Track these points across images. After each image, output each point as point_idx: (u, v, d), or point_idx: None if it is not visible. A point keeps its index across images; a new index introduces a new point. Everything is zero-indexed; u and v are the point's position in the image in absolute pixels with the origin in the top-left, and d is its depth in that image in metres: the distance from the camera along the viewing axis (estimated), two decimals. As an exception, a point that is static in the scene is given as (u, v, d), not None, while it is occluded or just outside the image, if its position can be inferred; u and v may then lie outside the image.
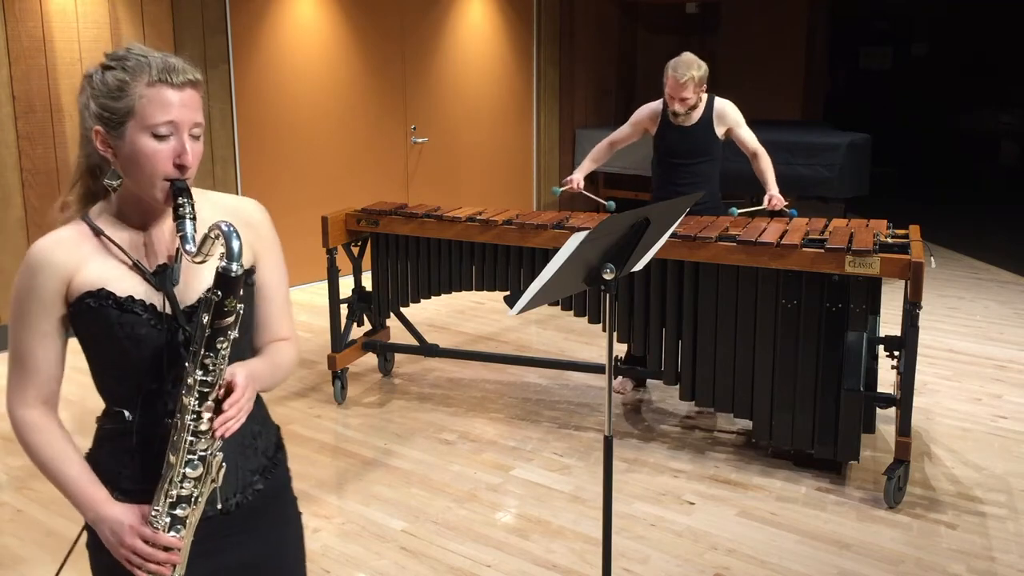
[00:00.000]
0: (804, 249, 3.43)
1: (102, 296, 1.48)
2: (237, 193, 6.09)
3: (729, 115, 4.29)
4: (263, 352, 1.65)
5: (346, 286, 4.61)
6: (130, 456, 1.52)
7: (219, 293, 1.39)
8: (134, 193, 1.50)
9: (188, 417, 1.42)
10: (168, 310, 1.51)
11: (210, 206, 1.58)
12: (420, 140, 7.36)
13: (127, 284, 1.49)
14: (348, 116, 6.84)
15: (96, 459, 1.57)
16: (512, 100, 8.16)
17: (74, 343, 1.58)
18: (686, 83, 4.10)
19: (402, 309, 4.61)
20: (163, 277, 1.52)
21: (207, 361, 1.41)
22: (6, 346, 5.33)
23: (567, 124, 8.69)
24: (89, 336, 1.53)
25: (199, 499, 1.46)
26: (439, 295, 4.39)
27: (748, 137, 4.32)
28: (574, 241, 2.08)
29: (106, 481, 1.53)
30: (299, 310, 5.94)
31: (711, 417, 4.12)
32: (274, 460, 1.67)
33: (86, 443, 1.58)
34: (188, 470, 1.43)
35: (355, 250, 4.56)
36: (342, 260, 4.50)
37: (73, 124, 5.34)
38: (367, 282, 4.59)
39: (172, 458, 1.44)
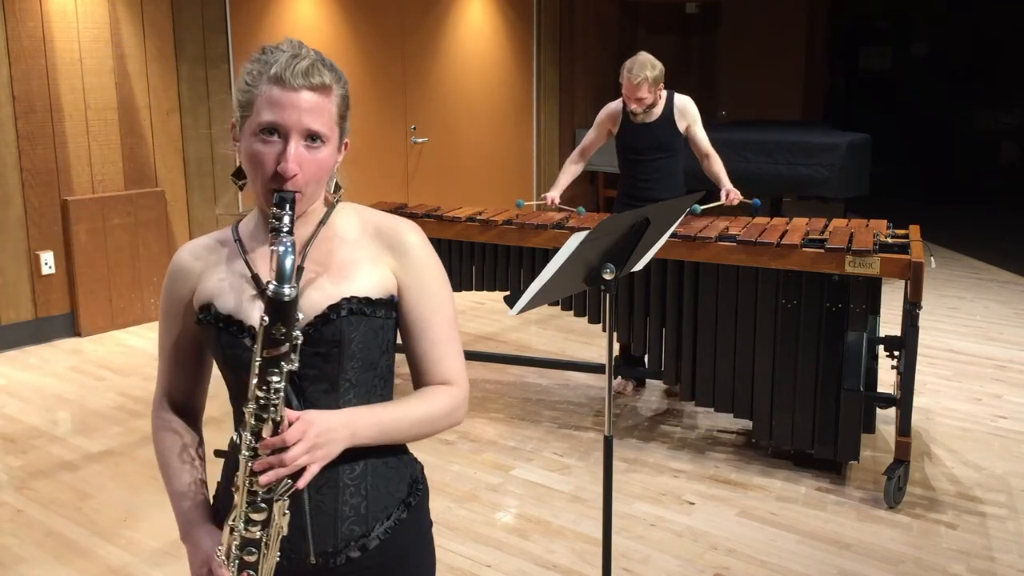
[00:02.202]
0: (804, 249, 3.43)
1: (209, 312, 1.40)
2: (236, 195, 6.09)
3: (689, 111, 4.30)
4: (406, 397, 1.45)
5: (346, 286, 4.60)
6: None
7: (267, 318, 1.26)
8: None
9: (245, 454, 1.30)
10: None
11: (356, 222, 1.46)
12: (420, 140, 7.36)
13: (234, 299, 1.39)
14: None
15: (220, 490, 1.48)
16: (512, 100, 8.16)
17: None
18: (640, 84, 4.11)
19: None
20: None
21: (259, 394, 1.28)
22: (5, 346, 5.28)
23: (567, 124, 8.69)
24: (212, 353, 1.46)
25: (268, 544, 1.32)
26: (439, 295, 4.38)
27: (702, 137, 4.32)
28: (574, 241, 2.08)
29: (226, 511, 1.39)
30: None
31: (711, 417, 4.12)
32: (396, 519, 1.46)
33: (86, 443, 1.57)
34: (251, 512, 1.30)
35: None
36: (342, 260, 4.49)
37: (73, 124, 5.34)
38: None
39: (236, 497, 1.32)
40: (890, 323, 4.37)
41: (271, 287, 1.25)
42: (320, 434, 1.31)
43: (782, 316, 3.52)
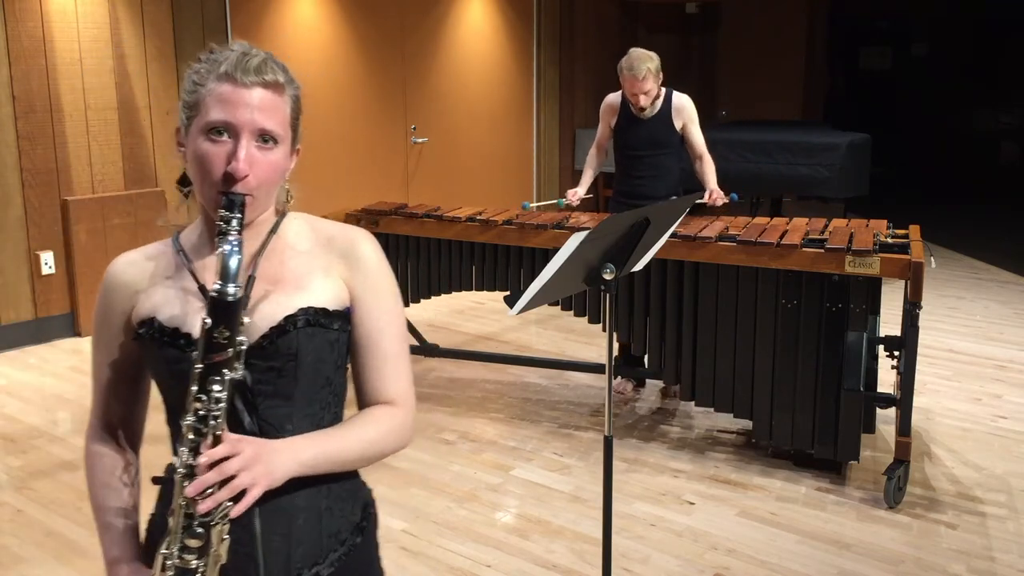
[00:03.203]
0: (804, 249, 3.43)
1: (152, 326, 1.31)
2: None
3: (687, 109, 4.28)
4: (350, 420, 1.37)
5: (346, 286, 4.60)
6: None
7: (209, 321, 1.18)
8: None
9: (180, 472, 1.20)
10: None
11: (305, 229, 1.40)
12: (420, 140, 7.36)
13: (180, 312, 1.30)
14: (348, 116, 6.84)
15: (155, 519, 1.37)
16: (512, 100, 8.16)
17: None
18: (645, 76, 4.11)
19: (402, 309, 4.61)
20: None
21: (198, 404, 1.18)
22: (5, 346, 5.28)
23: (567, 124, 8.69)
24: (151, 372, 1.37)
25: (205, 574, 1.21)
26: (439, 295, 4.39)
27: (698, 138, 4.31)
28: (574, 241, 2.08)
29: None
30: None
31: (711, 417, 4.12)
32: (350, 545, 1.39)
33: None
34: (187, 538, 1.19)
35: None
36: (342, 260, 4.49)
37: (73, 124, 5.34)
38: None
39: (171, 521, 1.21)
40: (890, 323, 4.37)
41: (215, 286, 1.18)
42: (261, 451, 1.22)
43: (782, 316, 3.52)
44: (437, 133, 7.53)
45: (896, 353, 3.67)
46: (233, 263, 1.19)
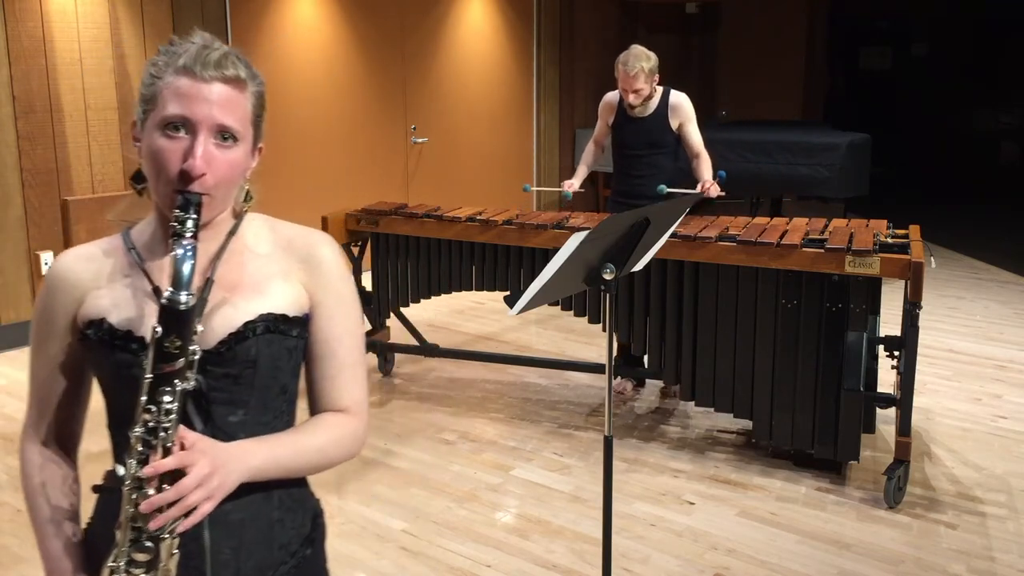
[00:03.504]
0: (804, 249, 3.43)
1: (101, 327, 1.25)
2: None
3: (683, 108, 4.28)
4: (301, 426, 1.33)
5: (346, 286, 4.60)
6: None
7: (159, 329, 1.12)
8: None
9: (129, 485, 1.14)
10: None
11: (265, 231, 1.36)
12: (420, 140, 7.36)
13: (134, 314, 1.24)
14: (348, 116, 6.84)
15: (93, 528, 1.32)
16: (512, 100, 8.16)
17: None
18: (636, 75, 4.11)
19: (402, 309, 4.61)
20: None
21: (147, 416, 1.13)
22: (5, 346, 5.27)
23: (567, 124, 8.69)
24: (96, 375, 1.32)
25: None
26: (439, 295, 4.39)
27: (695, 136, 4.31)
28: (574, 241, 2.08)
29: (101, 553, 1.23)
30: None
31: (711, 417, 4.12)
32: (300, 557, 1.35)
33: (85, 443, 1.53)
34: (134, 552, 1.14)
35: (355, 250, 4.56)
36: (342, 260, 4.49)
37: (73, 124, 5.34)
38: (367, 282, 4.59)
39: (119, 535, 1.16)
40: (890, 323, 4.37)
41: (166, 293, 1.13)
42: (215, 463, 1.16)
43: (782, 316, 3.52)
44: (437, 133, 7.53)
45: (896, 353, 3.67)
46: (186, 269, 1.14)
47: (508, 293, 4.15)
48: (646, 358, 4.01)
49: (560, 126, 8.61)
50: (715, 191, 4.20)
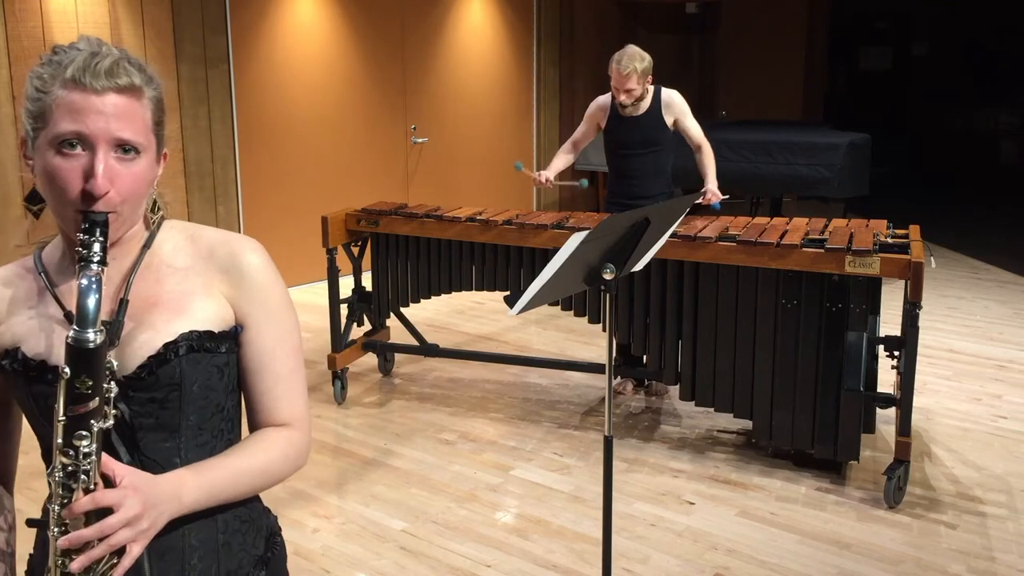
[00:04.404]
0: (804, 249, 3.43)
1: (16, 358, 1.18)
2: (236, 195, 6.10)
3: (676, 104, 4.29)
4: (240, 446, 1.26)
5: (346, 286, 4.61)
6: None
7: (67, 370, 1.04)
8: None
9: (54, 530, 1.08)
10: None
11: (183, 242, 1.27)
12: (420, 140, 7.36)
13: (46, 343, 1.17)
14: (348, 116, 6.84)
15: (34, 563, 1.30)
16: (512, 100, 8.16)
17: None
18: (629, 75, 4.11)
19: (402, 309, 4.61)
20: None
21: (65, 460, 1.06)
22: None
23: (567, 124, 8.69)
24: (19, 407, 1.25)
25: None
26: (439, 295, 4.39)
27: (694, 129, 4.31)
28: (574, 241, 2.08)
29: None
30: (299, 310, 5.94)
31: (711, 417, 4.12)
32: None
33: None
34: None
35: (355, 250, 4.56)
36: (342, 260, 4.50)
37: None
38: (367, 282, 4.59)
39: None
40: (890, 323, 4.37)
41: (71, 333, 1.04)
42: (145, 503, 1.09)
43: (782, 316, 3.52)
44: (437, 133, 7.53)
45: (896, 353, 3.67)
46: (91, 303, 1.05)
47: (508, 293, 4.15)
48: (645, 358, 4.01)
49: (560, 126, 8.61)
50: (716, 200, 4.22)
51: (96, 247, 1.09)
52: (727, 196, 4.29)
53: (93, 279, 1.07)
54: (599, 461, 3.67)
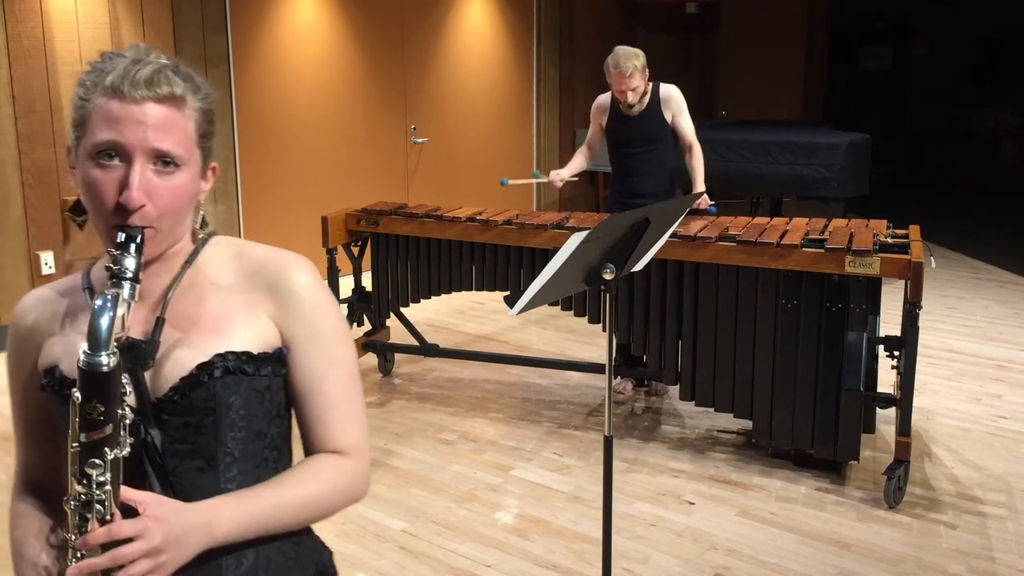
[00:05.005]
0: (804, 249, 3.43)
1: (54, 376, 1.15)
2: (236, 196, 6.10)
3: (675, 99, 4.28)
4: (287, 474, 1.18)
5: (346, 286, 4.61)
6: None
7: (79, 395, 1.00)
8: None
9: (71, 561, 1.04)
10: (133, 400, 1.11)
11: (229, 259, 1.21)
12: (420, 140, 7.36)
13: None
14: (348, 116, 6.84)
15: None
16: (512, 100, 8.16)
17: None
18: (632, 73, 4.11)
19: (402, 309, 4.61)
20: (136, 353, 1.13)
21: (79, 488, 1.01)
22: (4, 346, 5.31)
23: (567, 124, 8.69)
24: (62, 425, 1.16)
25: None
26: (439, 295, 4.39)
27: (687, 127, 4.31)
28: (574, 241, 2.08)
29: None
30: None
31: (711, 417, 4.12)
32: None
33: None
34: None
35: (355, 250, 4.56)
36: (342, 260, 4.50)
37: (73, 124, 5.34)
38: (367, 282, 4.59)
39: None
40: (890, 323, 4.37)
41: (81, 356, 0.99)
42: (168, 535, 1.03)
43: (782, 316, 3.52)
44: (437, 133, 7.53)
45: (896, 353, 3.67)
46: (103, 323, 1.00)
47: (508, 293, 4.16)
48: (646, 358, 4.01)
49: (560, 126, 8.61)
50: (704, 205, 4.23)
51: (129, 263, 1.05)
52: (711, 207, 4.30)
53: (109, 298, 1.01)
54: (599, 461, 3.67)
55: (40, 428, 1.24)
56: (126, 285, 1.04)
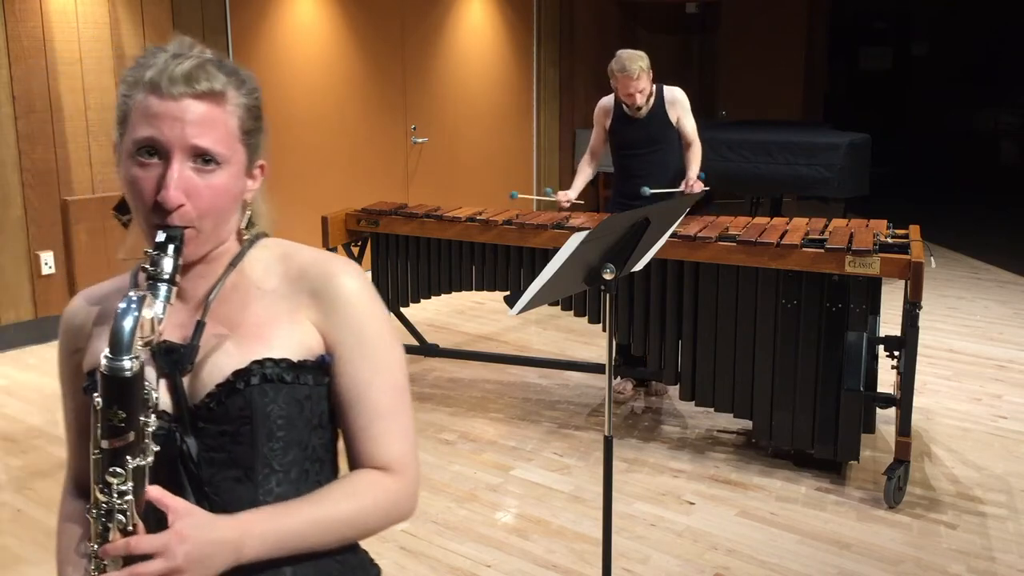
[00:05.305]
0: (804, 249, 3.43)
1: (94, 378, 1.09)
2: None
3: (680, 100, 4.30)
4: (327, 489, 1.12)
5: (346, 286, 4.60)
6: None
7: (99, 400, 0.97)
8: None
9: (91, 570, 1.02)
10: (169, 406, 1.09)
11: (275, 261, 1.17)
12: (420, 140, 7.36)
13: None
14: (348, 116, 6.84)
15: None
16: (512, 100, 8.16)
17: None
18: (639, 76, 4.12)
19: (402, 309, 4.61)
20: (174, 358, 1.10)
21: (101, 496, 0.98)
22: (5, 346, 5.27)
23: (567, 124, 8.69)
24: None
25: None
26: (439, 295, 4.39)
27: (690, 126, 4.33)
28: (574, 241, 2.08)
29: None
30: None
31: (711, 417, 4.12)
32: None
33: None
34: None
35: (355, 250, 4.56)
36: (342, 260, 4.50)
37: (73, 124, 5.34)
38: (367, 282, 4.59)
39: None
40: (890, 323, 4.37)
41: (103, 360, 0.96)
42: (190, 555, 0.99)
43: (782, 316, 3.52)
44: (437, 133, 7.53)
45: (896, 353, 3.67)
46: (126, 326, 0.96)
47: (508, 293, 4.16)
48: (647, 358, 4.00)
49: (560, 126, 8.62)
50: (698, 187, 4.22)
51: (166, 264, 1.02)
52: (707, 189, 4.30)
53: (133, 300, 0.97)
54: (599, 461, 3.67)
55: (86, 431, 1.17)
56: (162, 287, 1.02)
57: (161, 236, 1.05)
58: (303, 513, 1.08)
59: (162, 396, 1.09)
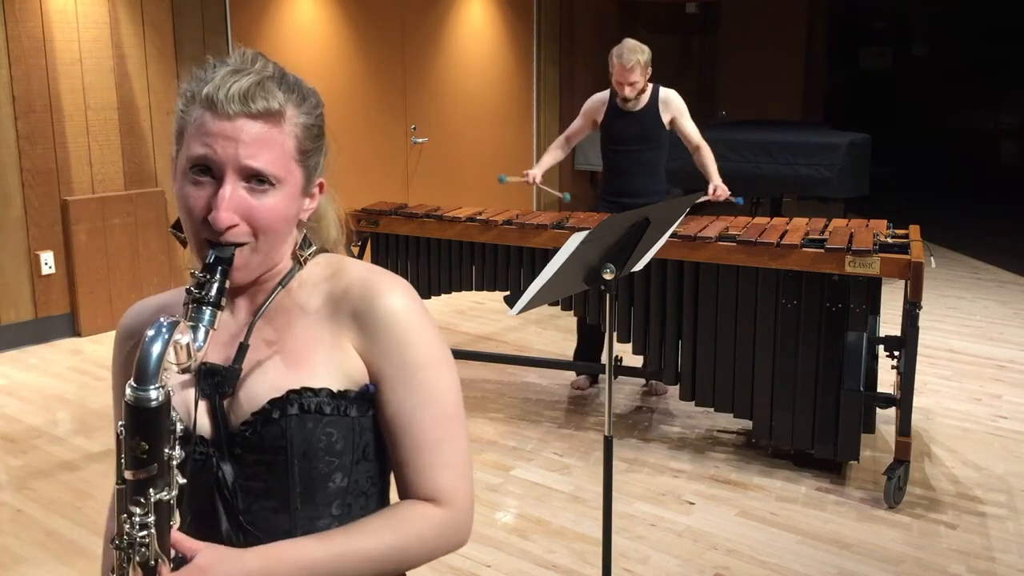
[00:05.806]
0: (804, 249, 3.43)
1: None
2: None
3: (674, 103, 4.31)
4: (359, 521, 1.07)
5: (346, 286, 4.60)
6: None
7: (123, 430, 0.94)
8: None
9: None
10: (208, 430, 1.06)
11: (322, 279, 1.12)
12: (420, 140, 7.36)
13: (174, 385, 1.03)
14: (348, 116, 6.84)
15: None
16: (512, 100, 8.16)
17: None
18: (633, 67, 4.13)
19: (402, 309, 4.61)
20: (216, 380, 1.06)
21: (125, 527, 0.94)
22: (5, 346, 5.28)
23: (567, 124, 8.62)
24: None
25: None
26: (439, 295, 4.39)
27: (691, 129, 4.34)
28: (574, 241, 2.08)
29: None
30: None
31: (711, 417, 4.12)
32: None
33: (86, 443, 1.49)
34: None
35: (355, 250, 4.56)
36: (342, 260, 4.49)
37: (73, 124, 5.34)
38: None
39: None
40: (890, 323, 4.37)
41: (128, 390, 0.92)
42: None
43: (782, 316, 3.52)
44: (437, 133, 7.53)
45: (896, 353, 3.67)
46: (153, 354, 0.92)
47: (508, 293, 4.16)
48: (642, 358, 4.00)
49: (560, 126, 8.60)
50: (724, 195, 4.23)
51: (212, 290, 0.99)
52: (738, 197, 4.31)
53: (164, 326, 0.93)
54: (599, 461, 3.67)
55: None
56: (206, 311, 0.99)
57: (212, 257, 1.02)
58: (335, 544, 1.03)
59: (201, 420, 1.05)
